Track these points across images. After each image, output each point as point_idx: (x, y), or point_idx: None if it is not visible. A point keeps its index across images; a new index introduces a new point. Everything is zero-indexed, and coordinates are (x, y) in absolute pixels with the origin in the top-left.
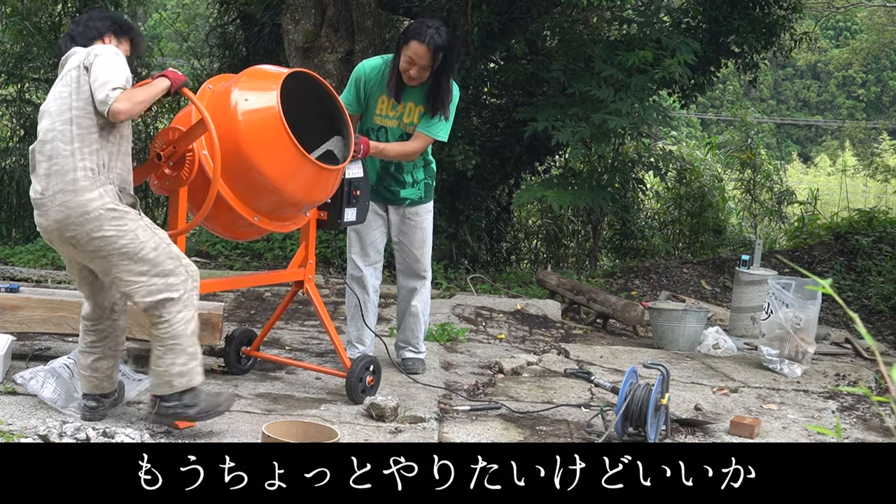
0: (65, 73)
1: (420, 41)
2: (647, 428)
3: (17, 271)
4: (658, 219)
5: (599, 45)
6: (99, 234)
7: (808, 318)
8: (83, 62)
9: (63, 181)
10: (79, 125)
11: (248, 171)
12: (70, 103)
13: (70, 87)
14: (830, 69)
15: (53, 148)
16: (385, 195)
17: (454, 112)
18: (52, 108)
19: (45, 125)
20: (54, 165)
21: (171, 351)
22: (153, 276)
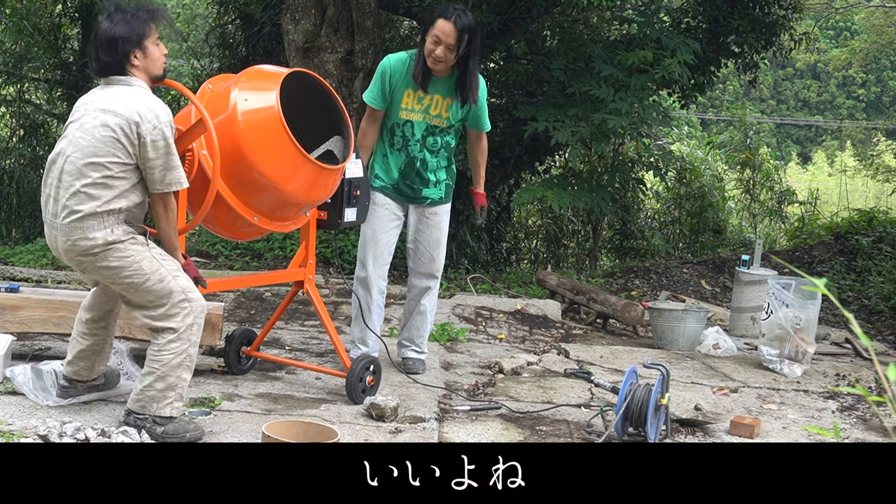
0: (102, 113)
1: (447, 19)
2: (647, 428)
3: (17, 271)
4: (658, 219)
5: (599, 45)
6: (104, 265)
7: (808, 318)
8: (141, 126)
9: (72, 216)
10: (100, 168)
11: (248, 171)
12: (100, 148)
13: (107, 133)
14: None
15: (69, 182)
16: (407, 193)
17: (486, 102)
18: (79, 138)
19: (66, 151)
20: (64, 196)
21: (152, 373)
22: (155, 308)
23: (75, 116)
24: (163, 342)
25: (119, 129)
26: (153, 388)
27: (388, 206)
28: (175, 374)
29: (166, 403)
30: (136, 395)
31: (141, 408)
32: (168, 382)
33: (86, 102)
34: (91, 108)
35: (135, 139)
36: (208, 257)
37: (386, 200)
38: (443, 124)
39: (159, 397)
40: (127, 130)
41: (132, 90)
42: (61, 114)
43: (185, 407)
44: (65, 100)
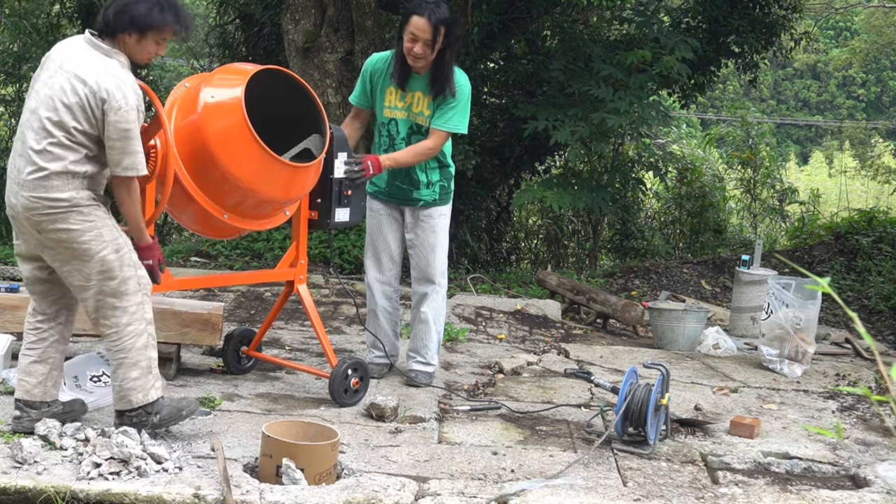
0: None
1: (420, 15)
2: (647, 428)
3: (18, 271)
4: (658, 219)
5: (599, 45)
6: (63, 227)
7: (808, 318)
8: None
9: (37, 172)
10: (64, 130)
11: (214, 167)
12: (65, 111)
13: (75, 100)
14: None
15: (35, 139)
16: (397, 195)
17: (469, 102)
18: (47, 97)
19: (32, 106)
20: (30, 152)
21: (122, 365)
22: (107, 280)
23: (48, 71)
24: (118, 328)
25: (85, 99)
26: (129, 378)
27: (382, 211)
28: (144, 356)
29: (150, 388)
30: (117, 394)
31: (128, 403)
32: (142, 367)
33: (62, 59)
34: (66, 69)
35: (99, 114)
36: (208, 257)
37: (380, 205)
38: (426, 122)
39: (140, 385)
40: (92, 103)
41: (110, 63)
42: None
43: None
44: None
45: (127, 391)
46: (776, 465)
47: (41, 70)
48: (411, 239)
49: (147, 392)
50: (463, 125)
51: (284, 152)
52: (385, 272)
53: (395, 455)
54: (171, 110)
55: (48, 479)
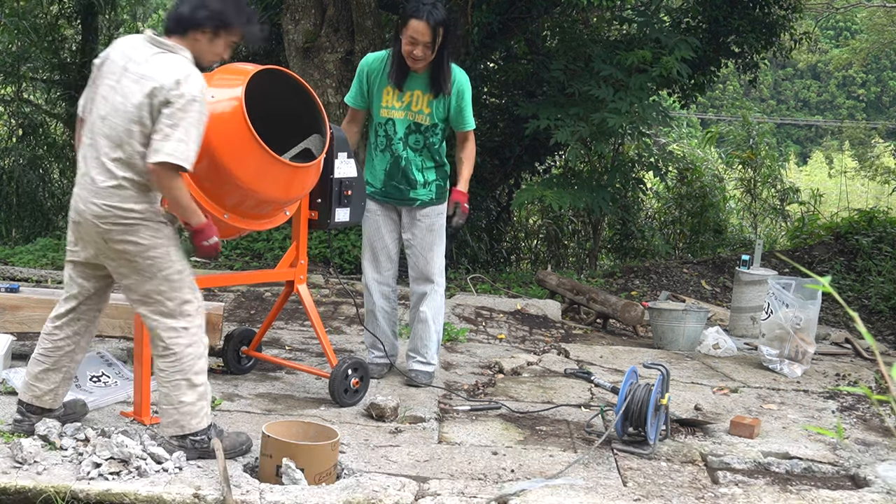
0: (143, 75)
1: (419, 18)
2: (647, 428)
3: (17, 271)
4: (658, 219)
5: (599, 45)
6: (132, 239)
7: (808, 318)
8: (170, 92)
9: (111, 182)
10: (134, 136)
11: (214, 167)
12: (136, 115)
13: (142, 99)
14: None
15: (109, 147)
16: (395, 195)
17: (470, 98)
18: (112, 98)
19: (102, 113)
20: (104, 160)
21: (179, 388)
22: (169, 300)
23: (113, 76)
24: (178, 349)
25: (151, 97)
26: (186, 402)
27: (379, 212)
28: (201, 381)
29: (204, 414)
30: (169, 417)
31: (181, 429)
32: (199, 392)
33: (124, 61)
34: (131, 70)
35: (158, 103)
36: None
37: (376, 206)
38: (425, 121)
39: (196, 411)
40: (157, 101)
41: (174, 57)
42: (60, 113)
43: None
44: (63, 100)
45: (182, 415)
46: (776, 465)
47: (100, 75)
48: (408, 239)
49: (201, 419)
50: (472, 120)
51: (284, 152)
52: (383, 272)
53: (395, 455)
54: None
55: (48, 479)
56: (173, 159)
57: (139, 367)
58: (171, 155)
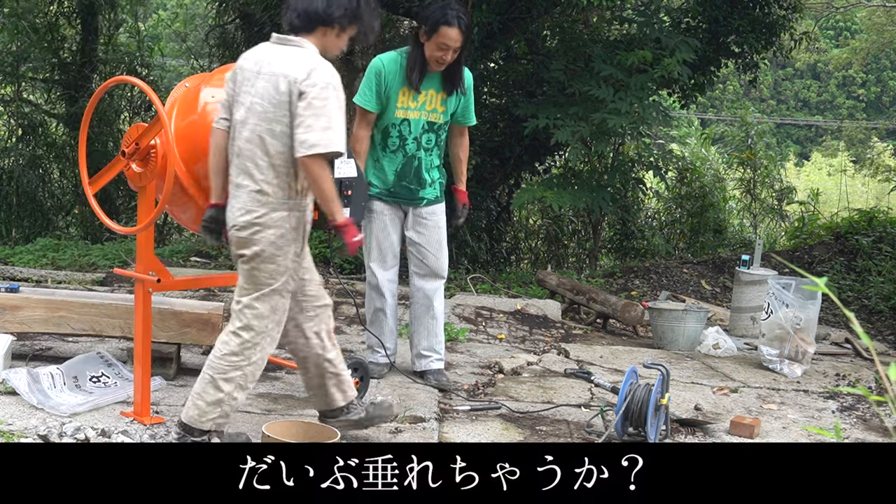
0: (275, 73)
1: (451, 25)
2: (647, 428)
3: (17, 271)
4: (658, 219)
5: (599, 45)
6: (257, 250)
7: (808, 318)
8: (302, 83)
9: (250, 187)
10: (282, 141)
11: None
12: (275, 113)
13: (279, 97)
14: (830, 69)
15: (252, 151)
16: (404, 195)
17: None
18: (257, 105)
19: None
20: (247, 167)
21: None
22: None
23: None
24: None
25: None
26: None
27: (386, 212)
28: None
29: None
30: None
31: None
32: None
33: (258, 66)
34: (265, 72)
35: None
36: (208, 257)
37: (383, 207)
38: (439, 119)
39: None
40: (294, 93)
41: (303, 51)
42: (60, 113)
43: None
44: (63, 99)
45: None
46: None
47: (236, 86)
48: (412, 237)
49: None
50: (475, 117)
51: None
52: (391, 271)
53: None
54: (171, 110)
55: None
56: (321, 148)
57: (139, 367)
58: (317, 145)
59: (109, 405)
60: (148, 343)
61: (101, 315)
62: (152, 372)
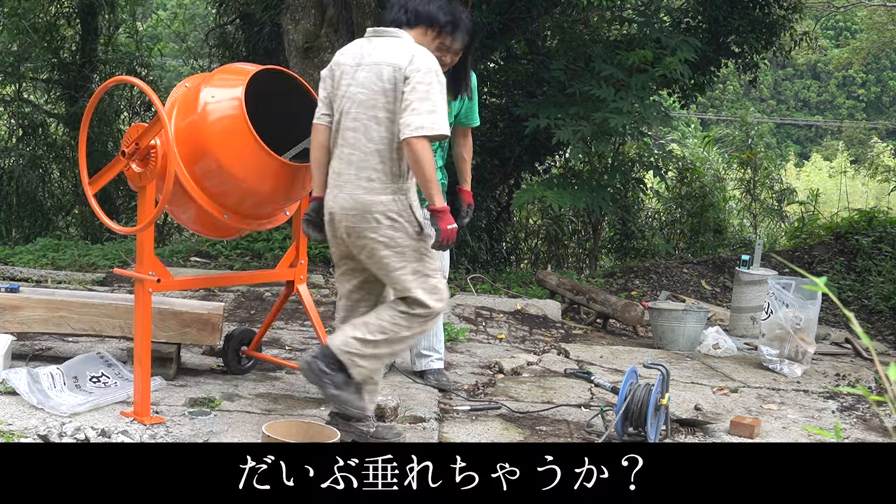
0: (377, 62)
1: None
2: (647, 428)
3: (17, 271)
4: (658, 219)
5: (599, 45)
6: (373, 236)
7: (808, 318)
8: (406, 69)
9: (358, 175)
10: (385, 126)
11: (214, 167)
12: (379, 101)
13: (382, 84)
14: (830, 69)
15: (356, 139)
16: None
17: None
18: (360, 95)
19: (350, 110)
20: (353, 155)
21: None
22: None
23: (346, 76)
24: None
25: (393, 79)
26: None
27: None
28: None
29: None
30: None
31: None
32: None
33: (356, 59)
34: (365, 63)
35: (401, 87)
36: (208, 257)
37: None
38: None
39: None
40: (398, 78)
41: (402, 41)
42: (60, 113)
43: (185, 407)
44: (63, 99)
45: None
46: None
47: (334, 80)
48: None
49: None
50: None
51: (284, 152)
52: None
53: None
54: (171, 110)
55: None
56: (426, 130)
57: (139, 367)
58: (423, 126)
59: (109, 405)
60: (148, 343)
61: (101, 315)
62: (152, 372)
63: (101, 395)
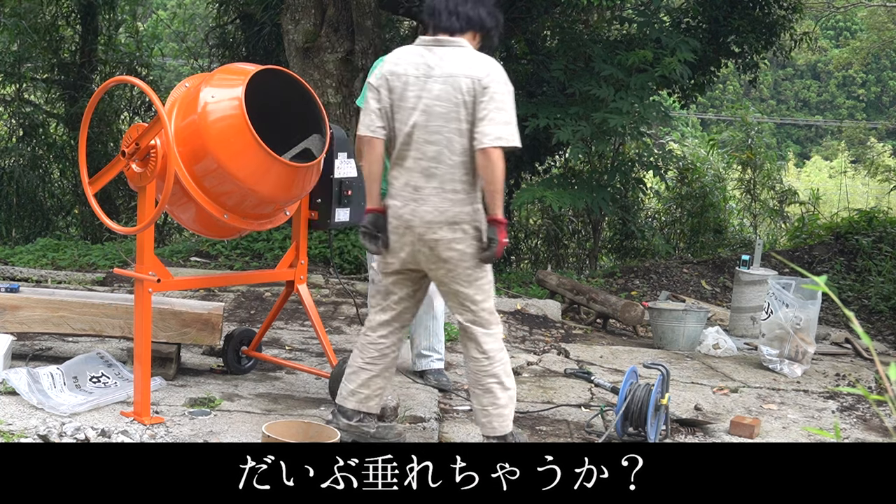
0: (452, 74)
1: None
2: (647, 428)
3: (17, 271)
4: (659, 219)
5: (599, 45)
6: (459, 248)
7: (808, 318)
8: (485, 80)
9: (443, 188)
10: (467, 138)
11: (214, 167)
12: (461, 113)
13: (462, 97)
14: (830, 69)
15: (438, 152)
16: None
17: None
18: (437, 108)
19: (426, 124)
20: (436, 169)
21: (491, 391)
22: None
23: (415, 85)
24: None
25: (472, 91)
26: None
27: None
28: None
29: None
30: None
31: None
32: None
33: (423, 70)
34: (436, 74)
35: (479, 95)
36: (208, 257)
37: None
38: None
39: (508, 413)
40: (477, 90)
41: (470, 51)
42: (60, 113)
43: (185, 407)
44: (63, 99)
45: (494, 417)
46: None
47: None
48: None
49: (510, 420)
50: None
51: (285, 152)
52: None
53: None
54: (171, 110)
55: None
56: (504, 141)
57: (139, 367)
58: (501, 137)
59: (109, 405)
60: (148, 343)
61: (101, 315)
62: (152, 372)
63: (101, 395)
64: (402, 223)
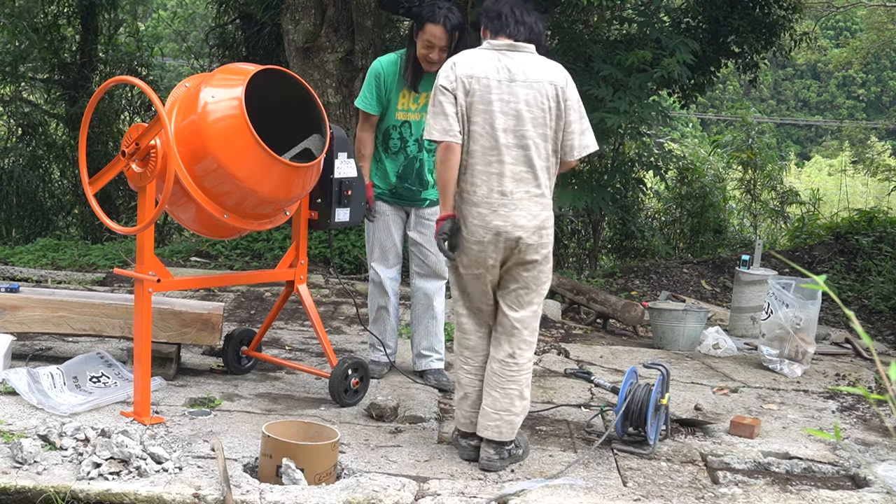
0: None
1: (435, 23)
2: (647, 428)
3: (17, 271)
4: (659, 219)
5: (599, 45)
6: (545, 252)
7: (808, 318)
8: (566, 88)
9: (532, 192)
10: (552, 144)
11: (214, 167)
12: (547, 119)
13: (548, 103)
14: (830, 69)
15: (527, 157)
16: (407, 196)
17: None
18: (525, 112)
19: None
20: (526, 174)
21: (511, 396)
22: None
23: (496, 91)
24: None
25: (556, 97)
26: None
27: (389, 212)
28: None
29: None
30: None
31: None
32: (525, 404)
33: (504, 74)
34: (519, 80)
35: (562, 104)
36: (208, 257)
37: (385, 207)
38: None
39: (516, 422)
40: (560, 97)
41: (541, 58)
42: (60, 113)
43: (185, 407)
44: (63, 99)
45: (505, 424)
46: (776, 465)
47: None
48: (414, 237)
49: (517, 429)
50: None
51: (284, 152)
52: (393, 269)
53: (395, 455)
54: (171, 110)
55: (48, 479)
56: (591, 149)
57: (139, 367)
58: (589, 146)
59: (109, 405)
60: (148, 343)
61: (101, 315)
62: (152, 372)
63: (101, 395)
64: (490, 230)
